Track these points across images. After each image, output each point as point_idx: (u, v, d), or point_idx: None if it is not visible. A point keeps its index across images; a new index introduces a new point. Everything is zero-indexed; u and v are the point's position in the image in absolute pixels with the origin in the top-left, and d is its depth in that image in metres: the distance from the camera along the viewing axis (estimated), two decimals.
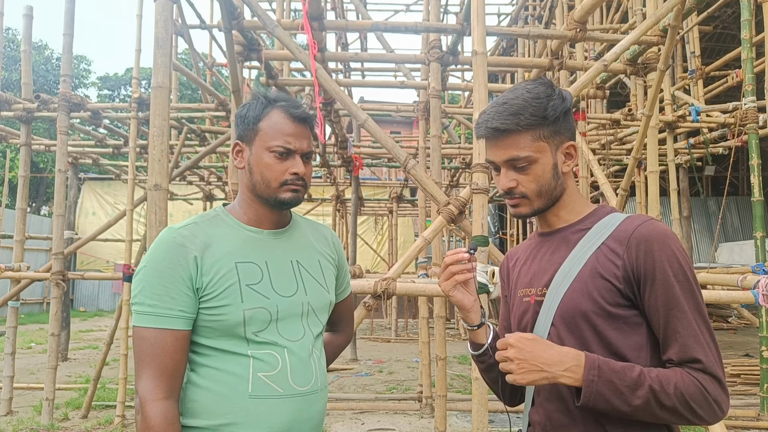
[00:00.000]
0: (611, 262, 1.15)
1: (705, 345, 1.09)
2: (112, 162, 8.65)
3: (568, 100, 1.25)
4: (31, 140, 5.81)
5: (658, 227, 1.15)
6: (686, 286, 1.11)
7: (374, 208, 12.47)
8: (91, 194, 16.11)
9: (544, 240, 1.32)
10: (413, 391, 6.21)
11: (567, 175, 1.27)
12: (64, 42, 5.35)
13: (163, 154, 2.75)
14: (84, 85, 23.61)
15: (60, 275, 5.28)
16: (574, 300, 1.17)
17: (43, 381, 6.50)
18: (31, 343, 10.18)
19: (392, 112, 5.73)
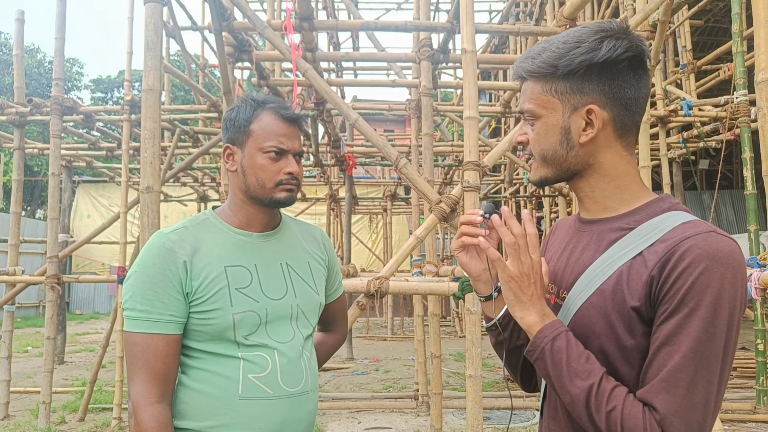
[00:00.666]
0: (640, 278, 0.93)
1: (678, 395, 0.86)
2: (106, 165, 8.65)
3: (604, 51, 0.95)
4: (24, 144, 5.80)
5: (711, 244, 0.89)
6: (704, 327, 0.86)
7: (368, 206, 12.49)
8: (85, 197, 16.08)
9: (581, 230, 1.10)
10: (410, 390, 6.23)
11: (591, 146, 1.00)
12: (56, 46, 5.34)
13: (155, 157, 2.76)
14: (77, 88, 23.55)
15: (55, 279, 5.28)
16: (588, 317, 0.98)
17: (39, 384, 6.50)
18: (27, 347, 10.16)
19: (384, 111, 5.75)
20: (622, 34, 0.97)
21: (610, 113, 0.99)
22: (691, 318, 0.86)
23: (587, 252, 1.05)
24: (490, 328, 1.17)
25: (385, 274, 2.98)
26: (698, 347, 0.86)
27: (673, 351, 0.87)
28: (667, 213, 0.97)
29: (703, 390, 0.86)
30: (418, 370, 5.52)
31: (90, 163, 8.07)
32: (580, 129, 1.00)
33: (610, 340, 0.95)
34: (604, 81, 0.98)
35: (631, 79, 0.99)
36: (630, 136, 1.03)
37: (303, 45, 4.08)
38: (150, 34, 2.76)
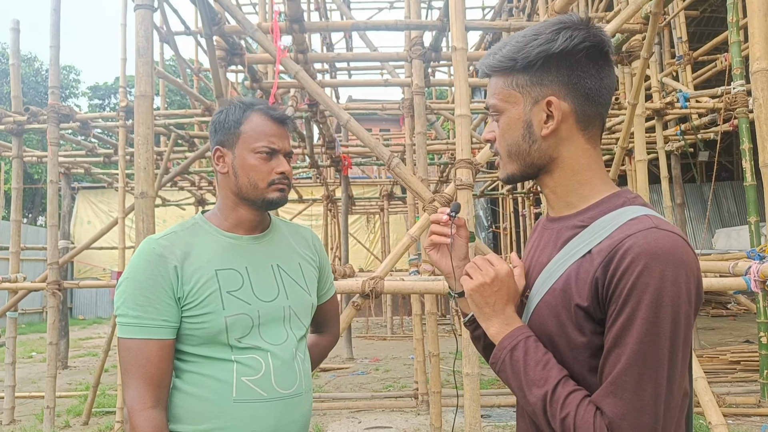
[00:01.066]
0: (587, 277, 0.93)
1: (625, 398, 0.85)
2: (104, 171, 8.67)
3: (560, 42, 0.96)
4: (22, 152, 5.82)
5: (650, 241, 0.87)
6: (647, 327, 0.85)
7: (365, 206, 12.51)
8: (85, 203, 16.12)
9: (546, 228, 1.10)
10: (410, 389, 6.25)
11: (554, 139, 1.00)
12: (51, 54, 5.36)
13: (149, 162, 2.77)
14: (74, 95, 23.60)
15: (56, 285, 5.31)
16: (542, 317, 0.99)
17: (43, 389, 6.53)
18: (32, 353, 10.20)
19: (378, 111, 5.76)
20: (580, 26, 0.97)
21: (570, 104, 0.99)
22: (633, 319, 0.86)
23: (546, 251, 1.05)
24: (467, 324, 1.19)
25: (379, 273, 3.00)
26: (641, 348, 0.85)
27: (620, 353, 0.87)
28: (620, 209, 0.96)
29: (651, 391, 0.85)
30: (417, 369, 5.53)
31: (88, 169, 8.10)
32: (542, 122, 1.00)
33: (561, 338, 0.96)
34: (563, 72, 0.98)
35: (591, 70, 0.99)
36: (593, 128, 1.02)
37: (295, 47, 4.10)
38: (141, 40, 2.77)
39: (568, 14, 1.02)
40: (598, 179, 1.02)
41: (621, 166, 8.51)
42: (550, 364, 0.94)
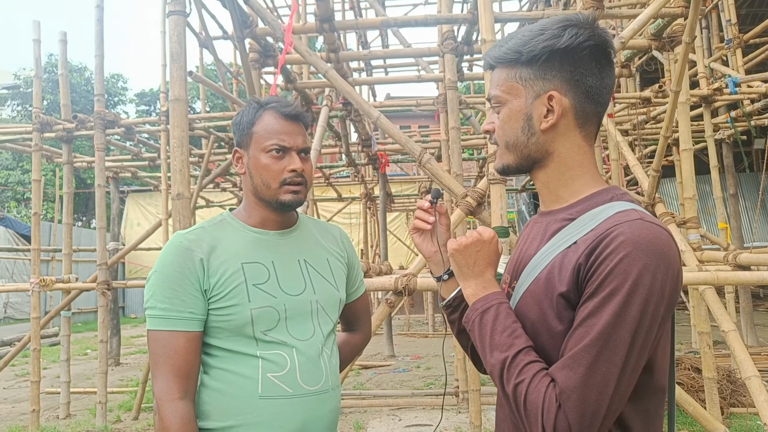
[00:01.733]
0: (569, 265, 0.95)
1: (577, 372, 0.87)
2: (150, 174, 8.95)
3: (565, 39, 0.98)
4: (72, 158, 6.07)
5: (635, 231, 0.89)
6: (616, 312, 0.87)
7: (404, 203, 12.45)
8: (135, 206, 16.70)
9: (536, 221, 1.14)
10: (450, 387, 6.21)
11: (551, 134, 1.03)
12: (96, 63, 5.57)
13: (184, 164, 2.85)
14: (123, 102, 24.46)
15: (105, 285, 5.52)
16: (526, 305, 1.02)
17: (97, 385, 6.82)
18: (87, 350, 10.65)
19: (413, 107, 5.74)
20: (585, 25, 1.00)
21: (571, 100, 1.01)
22: (606, 302, 0.88)
23: (534, 243, 1.08)
24: (444, 307, 1.24)
25: (413, 270, 2.98)
26: (606, 330, 0.87)
27: (584, 332, 0.89)
28: (608, 203, 0.99)
29: (604, 371, 0.86)
30: (457, 367, 5.49)
31: (135, 173, 8.38)
32: (542, 115, 1.02)
33: (542, 326, 0.98)
34: (566, 68, 1.00)
35: (593, 68, 1.01)
36: (590, 126, 1.05)
37: (327, 46, 4.12)
38: (174, 46, 2.85)
39: (574, 13, 1.05)
40: (590, 175, 1.05)
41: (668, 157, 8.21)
42: (516, 333, 0.97)
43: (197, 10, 4.81)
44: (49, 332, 11.21)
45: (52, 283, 5.57)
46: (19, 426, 5.41)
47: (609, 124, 5.02)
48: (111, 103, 23.50)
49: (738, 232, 8.19)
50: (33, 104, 5.67)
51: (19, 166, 20.09)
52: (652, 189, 4.36)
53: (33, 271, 5.59)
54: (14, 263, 14.86)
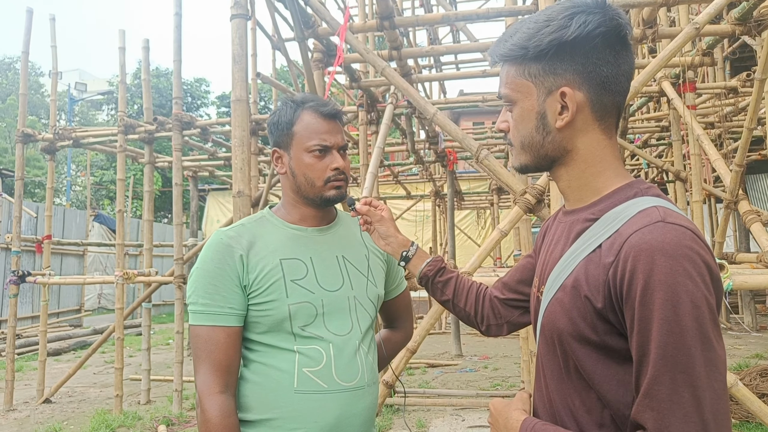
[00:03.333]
0: (598, 275, 0.89)
1: (664, 410, 0.78)
2: (226, 173, 9.34)
3: (573, 29, 0.90)
4: (154, 159, 6.45)
5: (657, 236, 0.82)
6: (667, 328, 0.78)
7: (475, 201, 12.28)
8: (214, 204, 17.49)
9: (560, 221, 1.08)
10: (518, 388, 6.06)
11: (569, 131, 0.97)
12: (175, 68, 5.88)
13: (245, 163, 2.94)
14: (205, 104, 25.71)
15: (181, 279, 5.82)
16: (553, 314, 0.97)
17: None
18: (169, 340, 11.27)
19: (479, 103, 5.65)
20: (595, 9, 0.92)
21: (586, 94, 0.95)
22: (650, 322, 0.80)
23: (559, 245, 1.02)
24: (419, 282, 1.45)
25: (468, 269, 2.94)
26: (667, 351, 0.78)
27: (646, 362, 0.81)
28: (631, 200, 0.92)
29: (690, 396, 0.77)
30: (523, 368, 5.34)
31: (212, 172, 8.78)
32: (556, 113, 0.96)
33: (573, 337, 0.92)
34: (577, 60, 0.93)
35: (608, 56, 0.94)
36: (610, 117, 0.98)
37: (389, 43, 4.13)
38: (236, 48, 2.95)
39: None
40: (612, 171, 0.99)
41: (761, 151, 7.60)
42: None
43: (270, 12, 4.96)
44: (136, 322, 11.98)
45: (134, 276, 5.95)
46: (104, 409, 5.81)
47: (689, 116, 4.70)
48: (194, 106, 24.77)
49: None
50: (118, 108, 6.06)
51: (112, 166, 21.61)
52: (734, 185, 4.05)
53: (117, 265, 5.99)
54: (107, 257, 15.99)
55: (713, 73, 7.53)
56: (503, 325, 1.38)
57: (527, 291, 1.34)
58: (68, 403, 6.31)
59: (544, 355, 1.03)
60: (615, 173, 0.98)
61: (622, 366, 0.88)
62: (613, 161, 0.99)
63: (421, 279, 1.45)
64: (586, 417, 0.93)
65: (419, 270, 1.44)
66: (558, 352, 0.97)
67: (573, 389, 0.95)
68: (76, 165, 22.23)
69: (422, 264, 1.44)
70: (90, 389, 7.02)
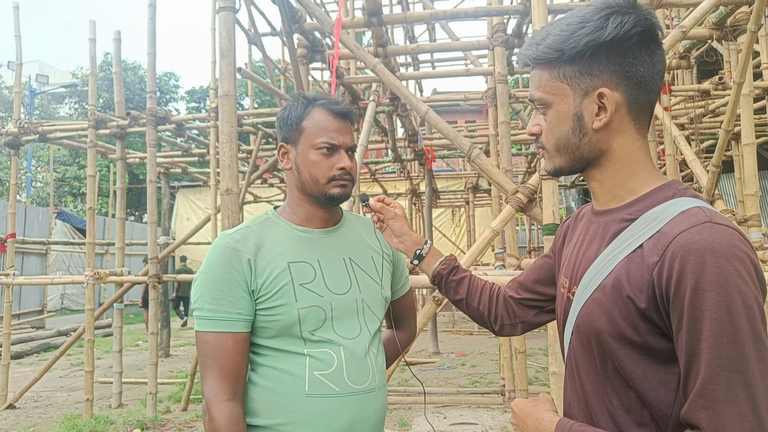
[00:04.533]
0: (641, 275, 0.88)
1: (719, 409, 0.78)
2: (199, 170, 9.15)
3: (611, 29, 0.90)
4: (125, 154, 6.26)
5: (707, 236, 0.82)
6: (721, 328, 0.78)
7: (450, 199, 12.36)
8: (185, 201, 17.15)
9: (591, 221, 1.07)
10: (496, 385, 6.10)
11: (605, 132, 0.96)
12: (149, 61, 5.72)
13: (233, 160, 2.86)
14: (174, 99, 25.20)
15: (156, 278, 5.67)
16: (591, 314, 0.95)
17: (147, 376, 7.02)
18: (138, 341, 11.00)
19: (460, 102, 5.65)
20: (629, 9, 0.92)
21: (623, 94, 0.95)
22: (702, 322, 0.80)
23: (593, 245, 1.02)
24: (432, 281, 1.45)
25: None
26: (721, 351, 0.78)
27: (697, 362, 0.81)
28: (670, 201, 0.92)
29: (745, 395, 0.77)
30: (504, 366, 5.39)
31: (185, 169, 8.59)
32: (593, 114, 0.95)
33: (613, 337, 0.92)
34: (614, 60, 0.93)
35: (644, 56, 0.94)
36: (644, 117, 0.98)
37: (374, 40, 4.08)
38: (224, 42, 2.87)
39: None
40: (647, 171, 0.99)
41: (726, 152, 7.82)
42: None
43: (246, 6, 4.86)
44: (102, 323, 11.65)
45: (106, 275, 5.77)
46: (74, 414, 5.62)
47: (665, 117, 4.80)
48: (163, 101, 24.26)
49: None
50: (88, 102, 5.86)
51: (75, 162, 20.97)
52: (711, 185, 4.15)
53: (88, 264, 5.79)
54: (70, 256, 15.51)
55: (681, 76, 7.72)
56: (518, 325, 1.38)
57: (544, 291, 1.33)
58: (34, 408, 6.08)
59: (579, 356, 1.02)
60: (650, 173, 0.99)
61: (663, 366, 0.88)
62: (647, 161, 0.99)
63: (435, 277, 1.44)
64: (625, 416, 0.93)
65: (433, 268, 1.44)
66: (595, 352, 0.96)
67: (611, 389, 0.95)
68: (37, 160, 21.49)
69: (436, 262, 1.44)
70: (57, 393, 6.78)
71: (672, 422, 0.89)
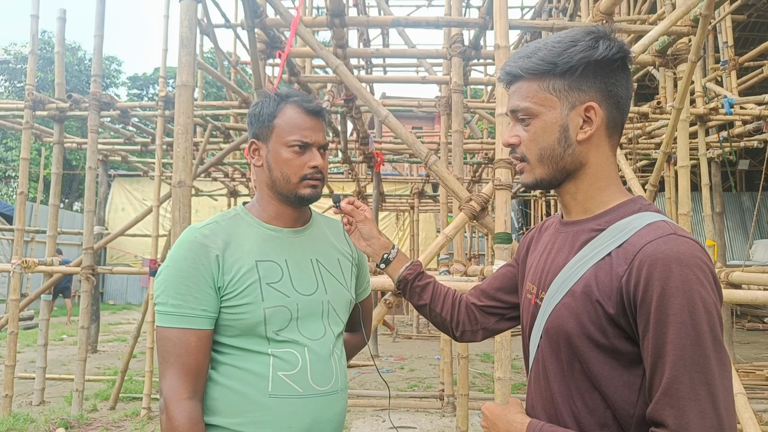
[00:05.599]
0: (610, 282, 0.94)
1: (683, 407, 0.84)
2: (140, 159, 8.81)
3: (601, 50, 0.98)
4: (63, 138, 5.95)
5: (672, 247, 0.89)
6: (685, 331, 0.85)
7: (396, 203, 12.47)
8: (120, 190, 16.47)
9: (559, 231, 1.13)
10: (435, 389, 6.20)
11: (586, 145, 1.02)
12: (95, 43, 5.46)
13: (187, 152, 2.78)
14: (115, 84, 24.15)
15: (90, 270, 5.41)
16: (560, 317, 1.00)
17: (73, 372, 6.67)
18: (63, 335, 10.46)
19: (414, 108, 5.72)
20: (612, 36, 1.01)
21: (605, 111, 1.02)
22: (667, 326, 0.86)
23: (562, 253, 1.07)
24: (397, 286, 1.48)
25: None
26: (684, 353, 0.85)
27: (662, 363, 0.87)
28: (636, 214, 0.99)
29: (707, 394, 0.84)
30: (444, 370, 5.47)
31: (125, 157, 8.25)
32: (578, 126, 1.01)
33: (581, 340, 0.97)
34: (600, 79, 1.00)
35: (622, 79, 1.02)
36: (616, 135, 1.06)
37: (334, 41, 4.08)
38: (185, 31, 2.78)
39: (595, 24, 1.07)
40: (615, 186, 1.06)
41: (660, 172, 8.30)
42: None
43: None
44: (23, 315, 10.98)
45: (35, 265, 5.46)
46: None
47: None
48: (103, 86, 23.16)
49: (722, 251, 8.31)
50: (26, 81, 5.53)
51: (1, 143, 19.70)
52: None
53: (15, 252, 5.46)
54: None
55: None
56: (478, 332, 1.42)
57: (506, 299, 1.38)
58: None
59: (547, 358, 1.06)
60: (618, 188, 1.06)
61: (628, 368, 0.94)
62: (616, 177, 1.07)
63: (400, 282, 1.47)
64: (589, 418, 0.98)
65: (399, 273, 1.46)
66: (563, 354, 1.01)
67: (576, 390, 1.00)
68: None
69: (402, 267, 1.46)
70: None
71: (635, 421, 0.94)
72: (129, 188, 16.40)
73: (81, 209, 20.55)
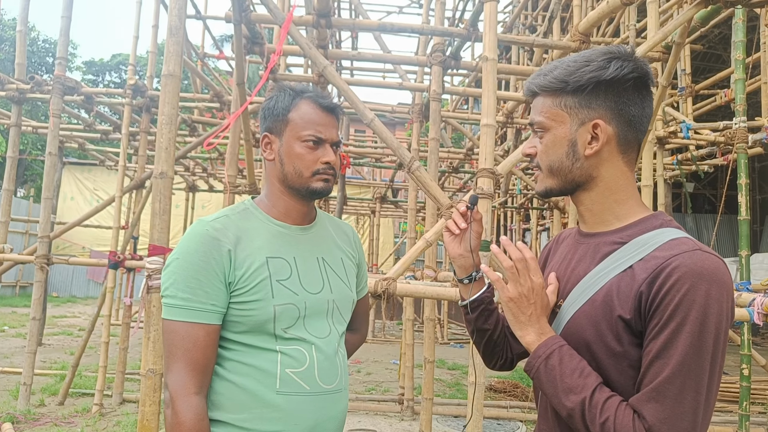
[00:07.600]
0: (630, 289, 0.98)
1: (666, 405, 0.90)
2: (98, 148, 8.51)
3: (611, 70, 1.02)
4: (21, 121, 5.69)
5: (697, 261, 0.93)
6: (692, 341, 0.91)
7: (357, 207, 12.47)
8: (70, 179, 15.81)
9: (579, 242, 1.17)
10: (392, 393, 6.23)
11: (595, 159, 1.07)
12: (62, 24, 5.25)
13: (171, 143, 2.72)
14: (69, 68, 23.19)
15: (44, 259, 5.19)
16: (579, 325, 1.05)
17: (17, 365, 6.38)
18: (4, 327, 9.95)
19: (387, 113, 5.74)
20: (628, 57, 1.05)
21: (614, 128, 1.06)
22: (679, 333, 0.91)
23: (582, 264, 1.11)
24: (463, 308, 1.31)
25: (392, 275, 2.98)
26: (686, 360, 0.90)
27: (663, 364, 0.92)
28: (658, 229, 1.03)
29: (691, 400, 0.90)
30: (405, 375, 5.51)
31: (83, 145, 7.95)
32: (586, 142, 1.07)
33: (599, 347, 1.01)
34: (611, 98, 1.05)
35: (636, 98, 1.06)
36: (632, 152, 1.10)
37: (317, 41, 4.07)
38: (174, 19, 2.72)
39: (616, 45, 1.09)
40: (634, 201, 1.10)
41: None
42: (585, 371, 0.99)
43: None
44: None
45: None
46: None
47: None
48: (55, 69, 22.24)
49: None
50: None
51: None
52: None
53: None
54: None
55: None
56: (514, 358, 1.35)
57: None
58: None
59: None
60: (637, 203, 1.10)
61: (636, 370, 0.98)
62: (634, 192, 1.11)
63: (476, 301, 1.30)
64: None
65: (480, 292, 1.30)
66: None
67: None
68: None
69: (483, 287, 1.32)
70: None
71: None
72: (80, 177, 15.78)
73: (25, 195, 19.62)
